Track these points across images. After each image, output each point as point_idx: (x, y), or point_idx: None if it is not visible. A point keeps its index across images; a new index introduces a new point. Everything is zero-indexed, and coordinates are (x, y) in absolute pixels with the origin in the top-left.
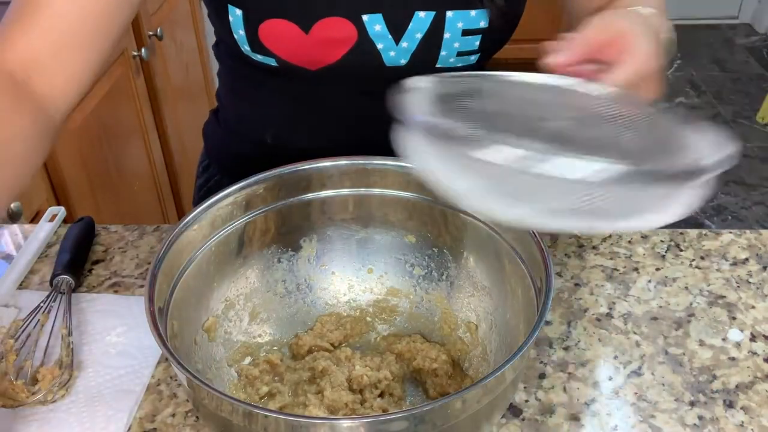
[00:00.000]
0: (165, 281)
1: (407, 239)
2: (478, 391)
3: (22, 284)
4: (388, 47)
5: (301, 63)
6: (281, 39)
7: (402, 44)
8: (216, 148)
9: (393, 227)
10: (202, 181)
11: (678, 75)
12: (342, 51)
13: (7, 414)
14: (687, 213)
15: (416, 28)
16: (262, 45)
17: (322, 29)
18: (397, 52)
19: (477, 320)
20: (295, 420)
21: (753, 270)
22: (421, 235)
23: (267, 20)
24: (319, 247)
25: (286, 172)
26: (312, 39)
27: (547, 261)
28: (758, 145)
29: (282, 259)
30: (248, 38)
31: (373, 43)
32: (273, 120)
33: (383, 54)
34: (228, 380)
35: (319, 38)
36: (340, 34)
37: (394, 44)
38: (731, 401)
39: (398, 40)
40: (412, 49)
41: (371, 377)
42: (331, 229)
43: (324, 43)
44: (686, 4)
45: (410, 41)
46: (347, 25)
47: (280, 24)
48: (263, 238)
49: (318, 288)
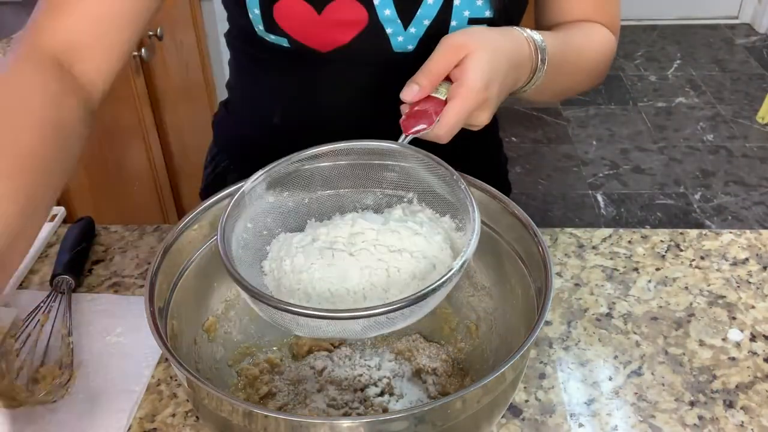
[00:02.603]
0: (165, 281)
1: None
2: (478, 391)
3: (22, 284)
4: (396, 32)
5: (313, 44)
6: (294, 19)
7: (410, 29)
8: (225, 136)
9: None
10: (211, 169)
11: (678, 75)
12: (352, 33)
13: (7, 414)
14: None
15: (424, 14)
16: (276, 25)
17: (334, 11)
18: (405, 38)
19: (477, 320)
20: (295, 420)
21: (753, 270)
22: None
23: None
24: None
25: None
26: (324, 20)
27: (547, 261)
28: (758, 145)
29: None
30: (263, 17)
31: (383, 27)
32: (281, 101)
33: (392, 39)
34: (228, 380)
35: (331, 19)
36: (351, 16)
37: (402, 29)
38: (731, 401)
39: (407, 26)
40: (420, 35)
41: (371, 377)
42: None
43: (335, 25)
44: (686, 4)
45: (418, 27)
46: (358, 7)
47: (294, 4)
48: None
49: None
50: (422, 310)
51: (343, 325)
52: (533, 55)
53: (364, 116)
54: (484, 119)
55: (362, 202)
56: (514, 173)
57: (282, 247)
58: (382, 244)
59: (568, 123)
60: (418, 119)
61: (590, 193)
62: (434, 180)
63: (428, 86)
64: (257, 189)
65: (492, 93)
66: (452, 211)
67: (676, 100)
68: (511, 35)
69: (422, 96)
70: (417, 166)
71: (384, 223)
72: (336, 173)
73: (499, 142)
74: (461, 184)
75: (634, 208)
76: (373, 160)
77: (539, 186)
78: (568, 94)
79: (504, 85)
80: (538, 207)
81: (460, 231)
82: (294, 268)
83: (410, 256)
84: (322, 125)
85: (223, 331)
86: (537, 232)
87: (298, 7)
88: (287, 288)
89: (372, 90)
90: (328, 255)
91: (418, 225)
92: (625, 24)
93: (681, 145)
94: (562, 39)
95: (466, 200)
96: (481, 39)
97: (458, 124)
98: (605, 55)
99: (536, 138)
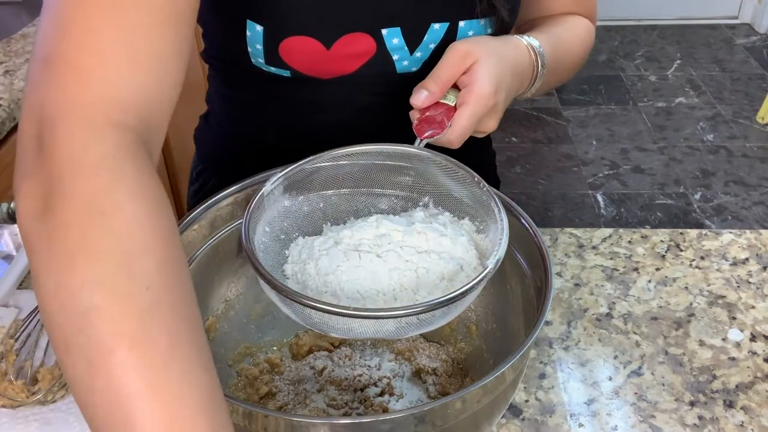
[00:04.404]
0: None
1: None
2: (478, 391)
3: (22, 284)
4: (402, 57)
5: (317, 74)
6: (301, 54)
7: (416, 54)
8: (210, 153)
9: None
10: (197, 187)
11: (678, 75)
12: (359, 63)
13: (7, 414)
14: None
15: (431, 39)
16: (280, 59)
17: (344, 45)
18: (410, 62)
19: (477, 320)
20: (295, 420)
21: (753, 270)
22: None
23: (290, 37)
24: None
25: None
26: (332, 54)
27: (547, 261)
28: (758, 145)
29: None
30: (265, 52)
31: (390, 55)
32: (275, 123)
33: (397, 64)
34: (228, 380)
35: (340, 53)
36: (359, 49)
37: (408, 55)
38: (731, 401)
39: (413, 51)
40: (425, 59)
41: (371, 377)
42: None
43: (343, 58)
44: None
45: (424, 51)
46: (367, 39)
47: (302, 40)
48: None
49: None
50: (457, 310)
51: (377, 325)
52: (534, 61)
53: (364, 134)
54: (493, 125)
55: (377, 206)
56: (514, 173)
57: (302, 251)
58: (409, 246)
59: (568, 123)
60: (431, 124)
61: (590, 193)
62: (452, 183)
63: (438, 92)
64: (275, 192)
65: (500, 99)
66: (471, 214)
67: (676, 100)
68: (512, 43)
69: (432, 102)
70: (434, 169)
71: (408, 225)
72: (351, 176)
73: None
74: (483, 186)
75: (634, 208)
76: (387, 161)
77: (539, 186)
78: (557, 86)
79: (509, 91)
80: (538, 207)
81: (481, 233)
82: (319, 271)
83: (438, 257)
84: (321, 143)
85: (223, 331)
86: (537, 232)
87: (306, 43)
88: (313, 290)
89: (374, 109)
90: (354, 257)
91: (442, 227)
92: (625, 24)
93: (681, 145)
94: (552, 40)
95: (489, 201)
96: (486, 47)
97: (470, 128)
98: (588, 45)
99: (536, 138)
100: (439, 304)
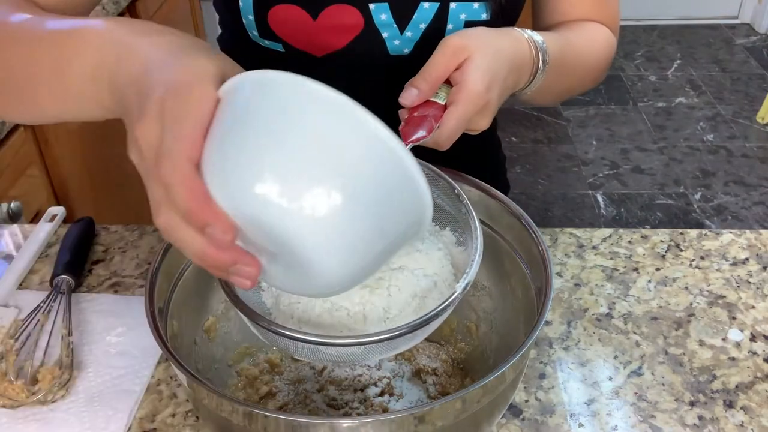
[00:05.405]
0: (165, 281)
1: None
2: (478, 391)
3: (22, 284)
4: (392, 36)
5: (307, 49)
6: (289, 24)
7: (406, 33)
8: None
9: None
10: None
11: (678, 75)
12: (348, 38)
13: (7, 414)
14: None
15: (420, 18)
16: (271, 30)
17: (330, 16)
18: (401, 41)
19: (477, 320)
20: (295, 420)
21: (753, 270)
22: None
23: (277, 5)
24: None
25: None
26: (319, 25)
27: (547, 261)
28: (758, 145)
29: None
30: (257, 23)
31: (379, 32)
32: None
33: (387, 42)
34: (228, 380)
35: (327, 24)
36: (347, 21)
37: (398, 33)
38: (731, 401)
39: (403, 30)
40: (416, 39)
41: (371, 377)
42: None
43: (331, 30)
44: (686, 4)
45: (414, 31)
46: (354, 12)
47: (289, 9)
48: None
49: None
50: (424, 334)
51: (343, 349)
52: (534, 56)
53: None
54: (485, 124)
55: None
56: (514, 173)
57: None
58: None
59: (568, 123)
60: (418, 126)
61: (590, 193)
62: (435, 192)
63: (428, 90)
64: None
65: (493, 96)
66: (453, 224)
67: (676, 100)
68: (511, 36)
69: (421, 100)
70: None
71: None
72: None
73: (497, 141)
74: (462, 199)
75: (634, 208)
76: None
77: (539, 186)
78: (569, 95)
79: (505, 87)
80: (538, 207)
81: (460, 246)
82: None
83: (411, 274)
84: None
85: (223, 331)
86: (537, 232)
87: (293, 12)
88: (286, 305)
89: (368, 93)
90: None
91: (418, 241)
92: (625, 24)
93: (681, 145)
94: (563, 40)
95: (468, 217)
96: (481, 41)
97: (459, 130)
98: (606, 54)
99: (536, 138)
100: (403, 332)
